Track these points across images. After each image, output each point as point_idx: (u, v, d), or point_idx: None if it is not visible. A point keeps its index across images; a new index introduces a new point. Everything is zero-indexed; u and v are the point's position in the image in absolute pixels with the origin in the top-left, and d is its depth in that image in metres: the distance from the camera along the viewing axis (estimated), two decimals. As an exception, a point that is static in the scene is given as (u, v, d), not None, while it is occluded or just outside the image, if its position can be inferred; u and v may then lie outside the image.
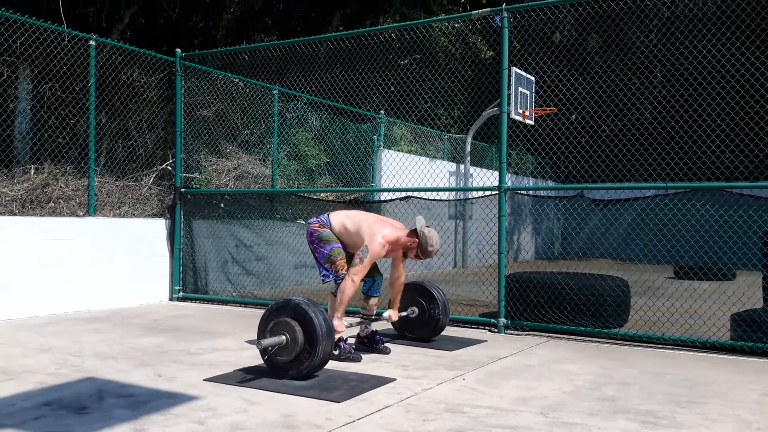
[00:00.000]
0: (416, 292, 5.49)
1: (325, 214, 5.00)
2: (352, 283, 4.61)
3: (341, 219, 4.91)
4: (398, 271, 5.10)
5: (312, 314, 4.01)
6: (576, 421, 3.36)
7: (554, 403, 3.69)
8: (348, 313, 5.81)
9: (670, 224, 10.00)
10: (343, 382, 4.04)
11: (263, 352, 4.09)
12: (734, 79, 11.01)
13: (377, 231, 4.70)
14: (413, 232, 4.80)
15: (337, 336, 4.58)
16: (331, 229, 4.88)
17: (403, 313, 5.38)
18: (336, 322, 4.56)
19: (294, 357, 4.03)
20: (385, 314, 5.16)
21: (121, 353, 4.85)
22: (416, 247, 4.76)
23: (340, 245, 4.86)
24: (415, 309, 5.44)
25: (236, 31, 17.11)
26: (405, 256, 4.93)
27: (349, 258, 4.84)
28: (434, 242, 4.74)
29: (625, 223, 15.71)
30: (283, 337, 4.02)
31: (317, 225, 4.92)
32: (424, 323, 5.46)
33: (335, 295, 4.80)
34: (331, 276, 4.81)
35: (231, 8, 14.96)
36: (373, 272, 5.06)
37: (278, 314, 4.12)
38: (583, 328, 5.80)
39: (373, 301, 5.12)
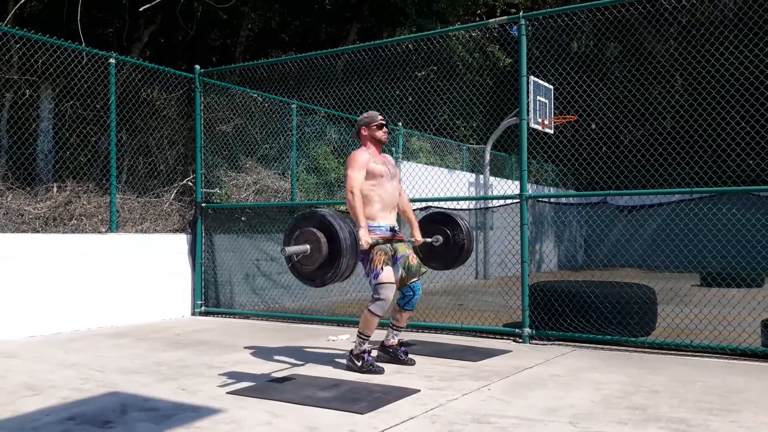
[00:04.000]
0: (439, 222, 5.42)
1: None
2: (350, 194, 4.63)
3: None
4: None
5: (337, 225, 3.95)
6: (606, 430, 3.27)
7: (583, 413, 3.61)
8: (380, 326, 5.64)
9: (696, 229, 9.82)
10: (366, 394, 3.99)
11: (288, 259, 4.04)
12: (758, 81, 10.85)
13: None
14: (357, 137, 5.07)
15: (361, 241, 4.38)
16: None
17: (428, 240, 5.31)
18: (361, 232, 4.45)
19: (317, 266, 3.97)
20: (410, 238, 5.11)
21: (144, 368, 4.85)
22: (368, 130, 4.98)
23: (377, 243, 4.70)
24: (440, 237, 5.37)
25: (254, 48, 17.26)
26: (379, 142, 5.02)
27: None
28: (366, 114, 5.02)
29: (650, 229, 15.50)
30: (308, 246, 3.96)
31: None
32: (448, 251, 5.38)
33: (370, 311, 4.61)
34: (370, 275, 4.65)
35: (248, 25, 15.08)
36: (410, 278, 4.87)
37: (304, 224, 4.06)
38: (609, 337, 5.69)
39: (407, 315, 4.96)
